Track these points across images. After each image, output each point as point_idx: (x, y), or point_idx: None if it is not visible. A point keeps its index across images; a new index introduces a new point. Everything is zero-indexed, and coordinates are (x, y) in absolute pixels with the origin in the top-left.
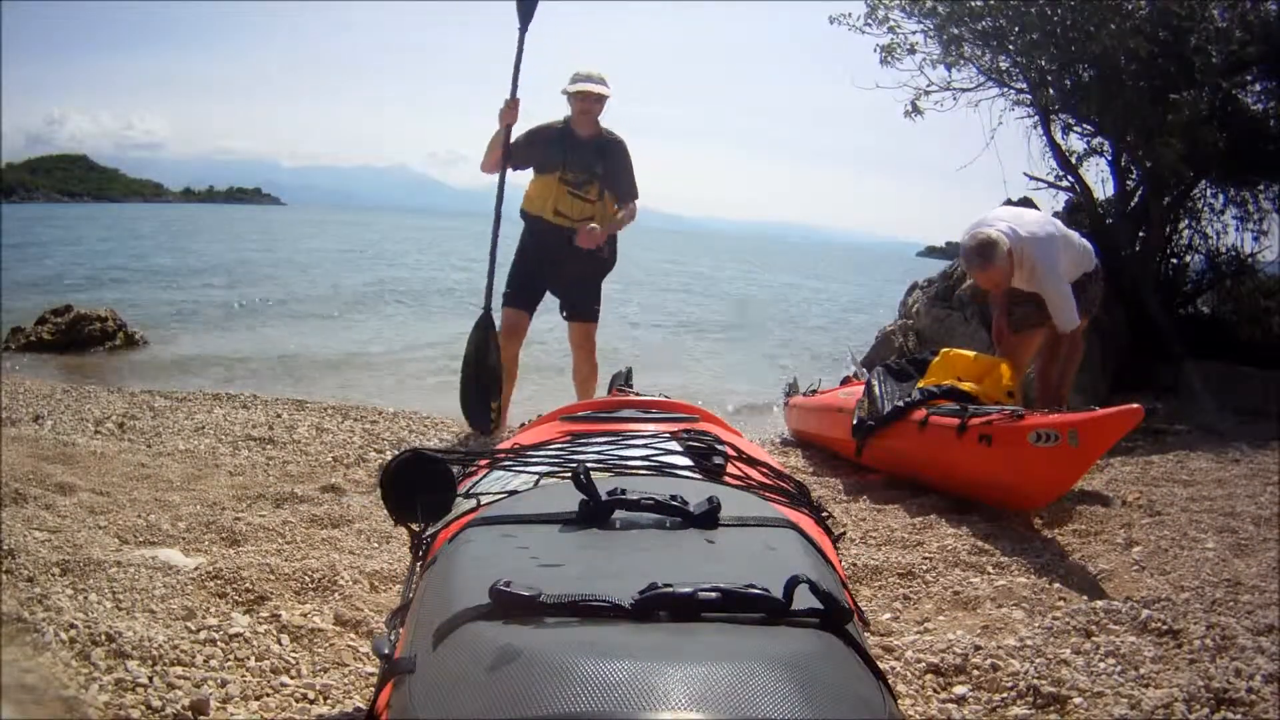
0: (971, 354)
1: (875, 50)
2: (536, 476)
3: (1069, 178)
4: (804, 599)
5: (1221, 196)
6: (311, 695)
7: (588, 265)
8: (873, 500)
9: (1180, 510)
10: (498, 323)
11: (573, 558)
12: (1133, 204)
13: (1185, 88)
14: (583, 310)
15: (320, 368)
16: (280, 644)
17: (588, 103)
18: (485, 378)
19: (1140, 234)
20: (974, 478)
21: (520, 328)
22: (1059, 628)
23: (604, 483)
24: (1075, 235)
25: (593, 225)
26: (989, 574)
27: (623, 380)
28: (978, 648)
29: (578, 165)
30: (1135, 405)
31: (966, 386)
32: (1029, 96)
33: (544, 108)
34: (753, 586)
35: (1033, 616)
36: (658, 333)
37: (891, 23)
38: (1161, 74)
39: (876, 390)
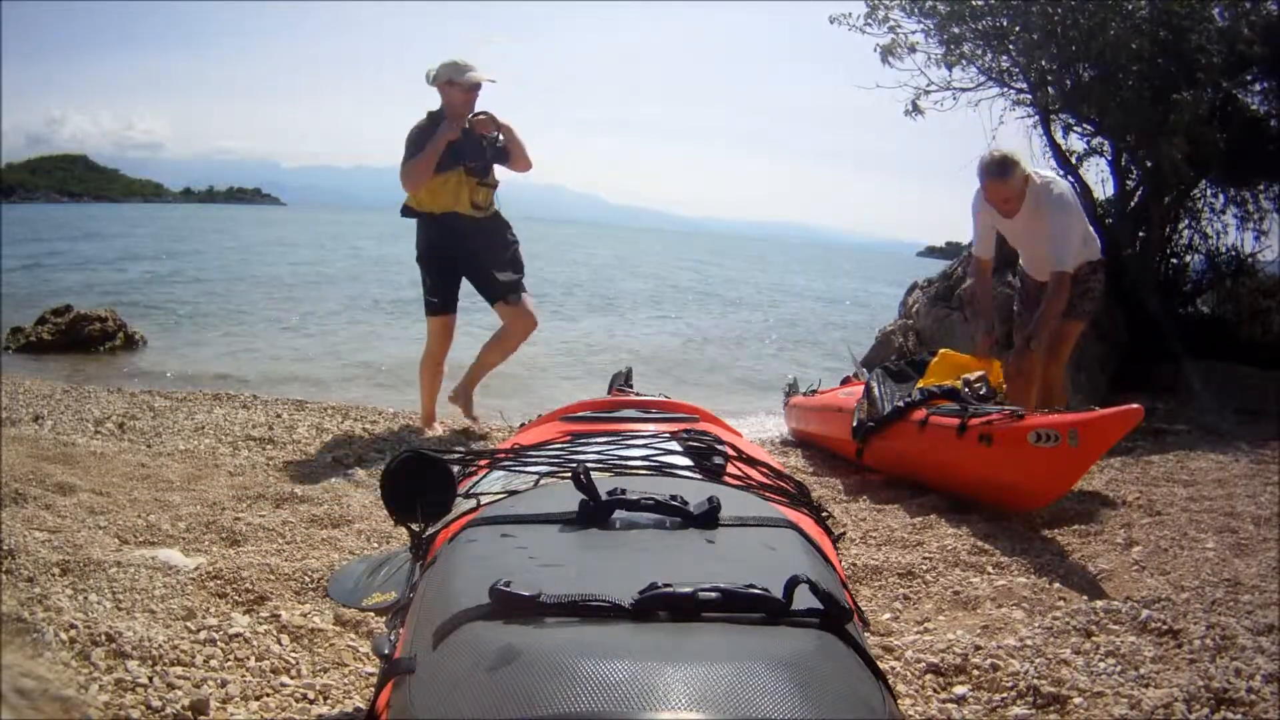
0: (969, 355)
1: (875, 50)
2: (536, 476)
3: (1069, 178)
4: (804, 599)
5: (1221, 196)
6: (311, 695)
7: (509, 243)
8: (873, 500)
9: (1180, 510)
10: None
11: (573, 558)
12: (1133, 204)
13: (1186, 88)
14: (518, 287)
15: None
16: (280, 644)
17: (476, 91)
18: None
19: (1140, 234)
20: (974, 478)
21: (452, 331)
22: (1059, 628)
23: (604, 483)
24: (1087, 221)
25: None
26: (989, 574)
27: (623, 380)
28: (978, 648)
29: (473, 153)
30: (1135, 405)
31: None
32: (1029, 96)
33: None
34: (753, 586)
35: (1033, 616)
36: (656, 330)
37: (892, 22)
38: (1162, 74)
39: (876, 392)
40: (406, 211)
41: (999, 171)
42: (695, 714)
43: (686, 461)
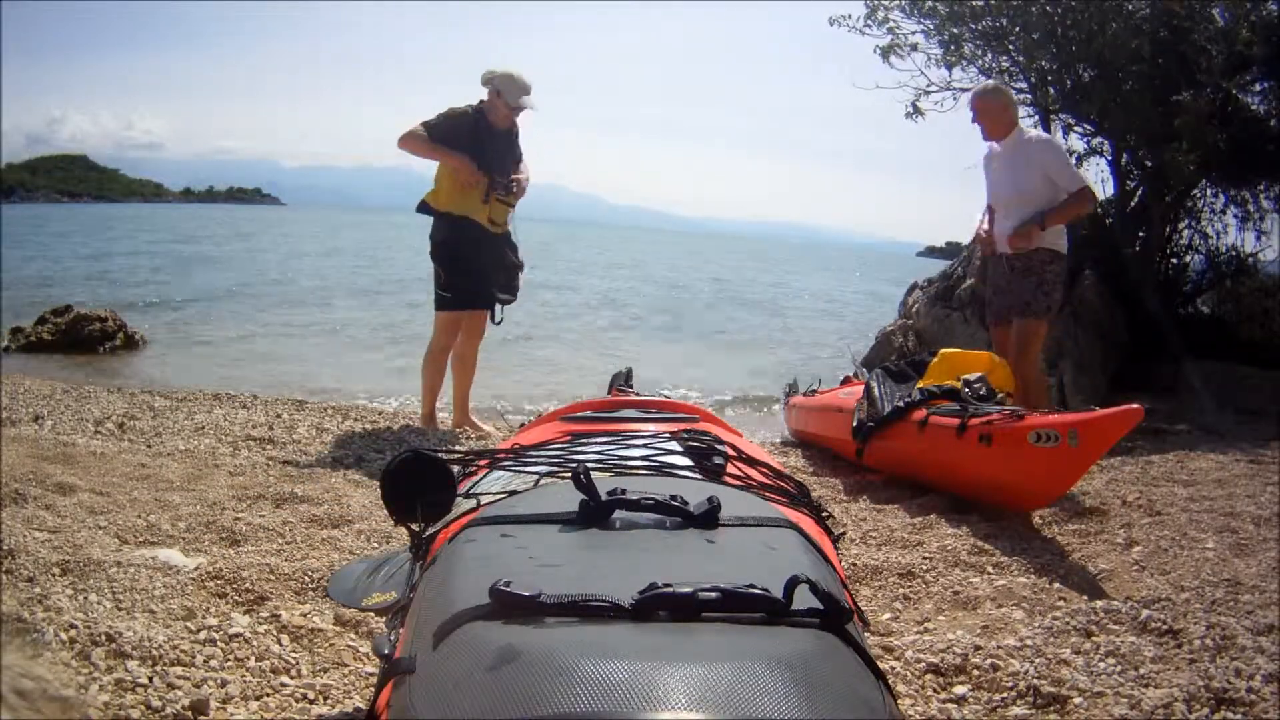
0: (969, 353)
1: (875, 51)
2: (536, 476)
3: None
4: (804, 599)
5: (1222, 196)
6: (311, 695)
7: (516, 265)
8: (873, 500)
9: (1180, 510)
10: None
11: (573, 558)
12: (1133, 204)
13: (1186, 88)
14: (508, 298)
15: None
16: (280, 644)
17: (519, 112)
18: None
19: (1140, 234)
20: (974, 478)
21: (459, 329)
22: (1059, 628)
23: (604, 483)
24: None
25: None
26: (989, 574)
27: (623, 380)
28: (978, 648)
29: (502, 168)
30: (1135, 405)
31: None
32: (1029, 96)
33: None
34: (753, 586)
35: (1033, 616)
36: (657, 332)
37: (891, 23)
38: (1162, 74)
39: (876, 392)
40: (423, 208)
41: (983, 91)
42: (695, 714)
43: (686, 461)
